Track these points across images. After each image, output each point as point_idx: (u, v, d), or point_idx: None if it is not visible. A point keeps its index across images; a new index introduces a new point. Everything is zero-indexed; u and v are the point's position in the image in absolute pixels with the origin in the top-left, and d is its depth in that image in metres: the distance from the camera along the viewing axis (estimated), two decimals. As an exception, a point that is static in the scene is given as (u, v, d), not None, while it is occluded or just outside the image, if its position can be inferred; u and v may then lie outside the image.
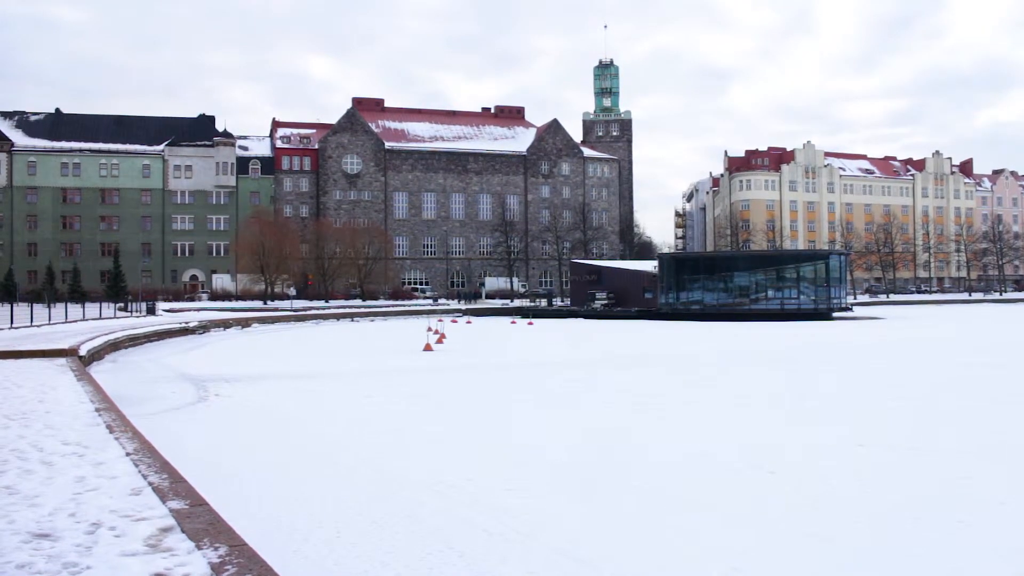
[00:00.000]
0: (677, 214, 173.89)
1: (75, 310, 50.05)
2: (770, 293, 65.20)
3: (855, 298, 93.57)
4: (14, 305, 46.14)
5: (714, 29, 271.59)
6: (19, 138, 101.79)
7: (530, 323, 60.01)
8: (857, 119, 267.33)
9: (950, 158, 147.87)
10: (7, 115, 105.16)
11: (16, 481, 6.82)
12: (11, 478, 6.95)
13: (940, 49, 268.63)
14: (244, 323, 54.81)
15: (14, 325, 35.23)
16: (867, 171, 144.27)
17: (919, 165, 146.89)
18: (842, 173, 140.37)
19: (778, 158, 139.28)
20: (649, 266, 74.55)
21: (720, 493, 9.69)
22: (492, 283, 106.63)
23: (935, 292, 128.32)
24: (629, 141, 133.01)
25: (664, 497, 9.54)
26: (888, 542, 7.76)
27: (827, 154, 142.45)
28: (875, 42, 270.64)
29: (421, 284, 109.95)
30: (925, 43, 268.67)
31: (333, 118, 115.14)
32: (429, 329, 39.05)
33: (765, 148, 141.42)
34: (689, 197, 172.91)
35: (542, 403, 18.01)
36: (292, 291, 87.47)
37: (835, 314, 64.38)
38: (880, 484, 10.11)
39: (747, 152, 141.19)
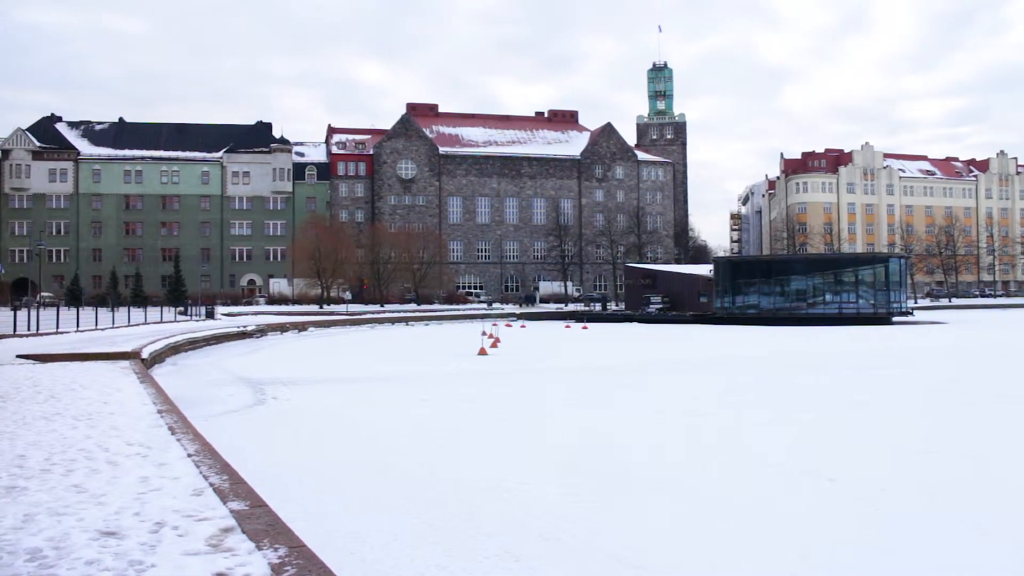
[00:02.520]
0: (732, 217, 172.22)
1: (137, 314, 51.17)
2: (828, 297, 64.17)
3: (916, 302, 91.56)
4: (80, 309, 47.32)
5: (768, 29, 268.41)
6: (85, 147, 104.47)
7: (584, 327, 59.83)
8: (917, 119, 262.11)
9: (1015, 158, 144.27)
10: (73, 125, 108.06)
11: (84, 480, 6.98)
12: (79, 477, 7.12)
13: (1004, 45, 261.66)
14: (301, 327, 55.47)
15: (80, 328, 36.11)
16: (928, 172, 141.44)
17: (982, 166, 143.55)
18: (902, 175, 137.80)
19: (835, 160, 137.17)
20: (704, 270, 73.89)
21: (781, 501, 9.57)
22: (546, 287, 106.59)
23: (1000, 296, 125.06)
24: (683, 144, 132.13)
25: (720, 503, 9.44)
26: (951, 555, 7.60)
27: (886, 155, 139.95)
28: (934, 39, 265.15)
29: (475, 288, 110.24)
30: (988, 39, 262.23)
31: (386, 123, 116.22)
32: (483, 333, 39.13)
33: (822, 150, 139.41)
34: (744, 200, 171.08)
35: (597, 408, 17.95)
36: (348, 295, 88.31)
37: (895, 318, 63.18)
38: (945, 494, 9.89)
39: (803, 154, 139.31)
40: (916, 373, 25.77)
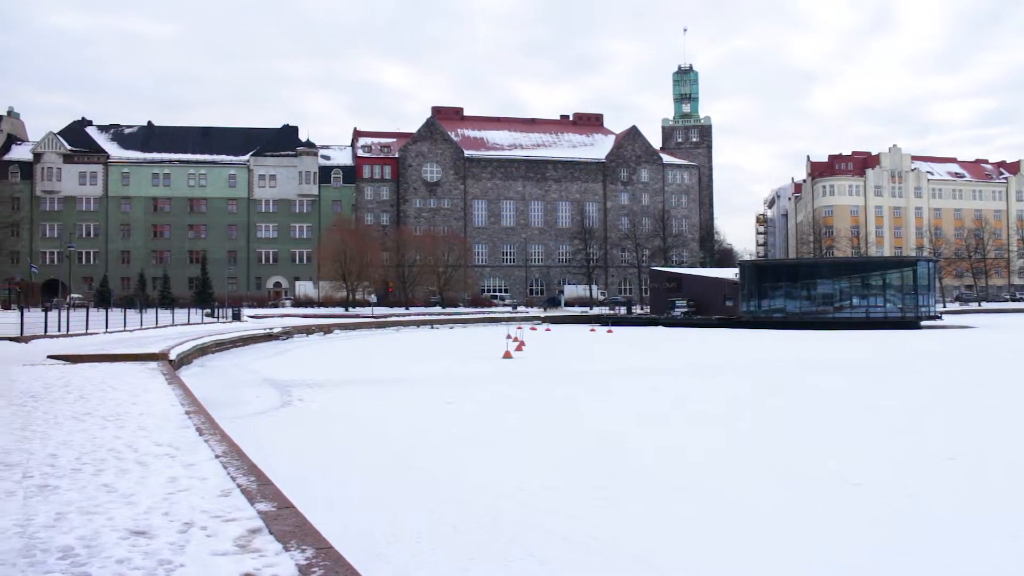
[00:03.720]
0: (758, 220, 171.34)
1: (165, 315, 51.63)
2: (855, 301, 63.71)
3: (944, 306, 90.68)
4: (109, 310, 47.78)
5: (794, 31, 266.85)
6: (114, 150, 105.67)
7: (609, 331, 59.74)
8: (946, 120, 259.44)
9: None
10: (103, 128, 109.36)
11: (114, 480, 7.07)
12: (109, 477, 7.20)
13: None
14: (326, 329, 55.77)
15: (109, 329, 36.47)
16: (957, 175, 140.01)
17: (1013, 168, 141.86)
18: (930, 177, 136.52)
19: (862, 162, 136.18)
20: (730, 273, 73.56)
21: (803, 506, 9.51)
22: (571, 291, 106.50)
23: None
24: (709, 147, 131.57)
25: (742, 507, 9.41)
26: (981, 561, 7.53)
27: (914, 158, 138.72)
28: (962, 39, 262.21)
29: (500, 291, 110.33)
30: (1017, 39, 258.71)
31: (410, 126, 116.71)
32: (508, 336, 39.15)
33: (849, 152, 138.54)
34: (771, 203, 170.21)
35: (622, 411, 17.91)
36: (373, 298, 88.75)
37: (923, 322, 62.57)
38: (974, 500, 9.80)
39: (830, 157, 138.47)
40: (943, 378, 25.53)
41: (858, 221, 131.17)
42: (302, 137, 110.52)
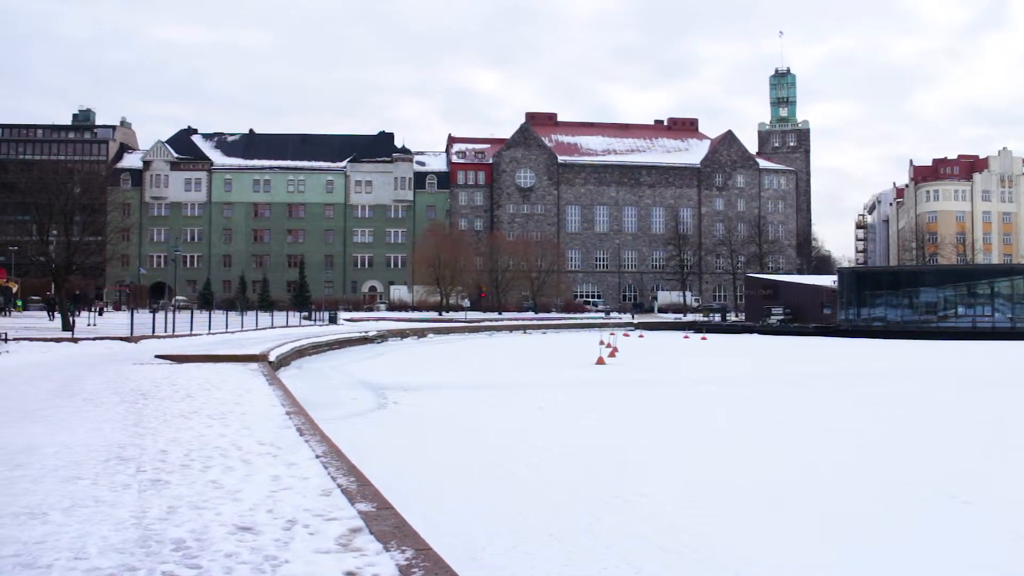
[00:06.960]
0: (858, 227, 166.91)
1: (264, 318, 52.98)
2: (960, 310, 61.52)
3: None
4: (211, 312, 49.36)
5: (895, 30, 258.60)
6: (217, 157, 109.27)
7: (703, 338, 58.97)
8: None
9: None
10: (208, 136, 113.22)
11: (220, 476, 7.31)
12: (216, 473, 7.45)
13: None
14: (420, 333, 56.46)
15: (211, 331, 37.68)
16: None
17: None
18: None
19: (969, 166, 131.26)
20: (828, 281, 71.98)
21: (908, 522, 9.21)
22: (665, 297, 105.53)
23: None
24: (807, 152, 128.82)
25: (845, 522, 9.16)
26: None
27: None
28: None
29: (593, 297, 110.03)
30: None
31: (503, 132, 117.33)
32: (601, 342, 38.98)
33: (954, 156, 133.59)
34: (871, 209, 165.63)
35: (718, 421, 17.67)
36: (466, 303, 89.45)
37: (1035, 334, 60.03)
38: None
39: (934, 160, 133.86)
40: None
41: (964, 227, 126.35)
42: (397, 143, 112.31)
